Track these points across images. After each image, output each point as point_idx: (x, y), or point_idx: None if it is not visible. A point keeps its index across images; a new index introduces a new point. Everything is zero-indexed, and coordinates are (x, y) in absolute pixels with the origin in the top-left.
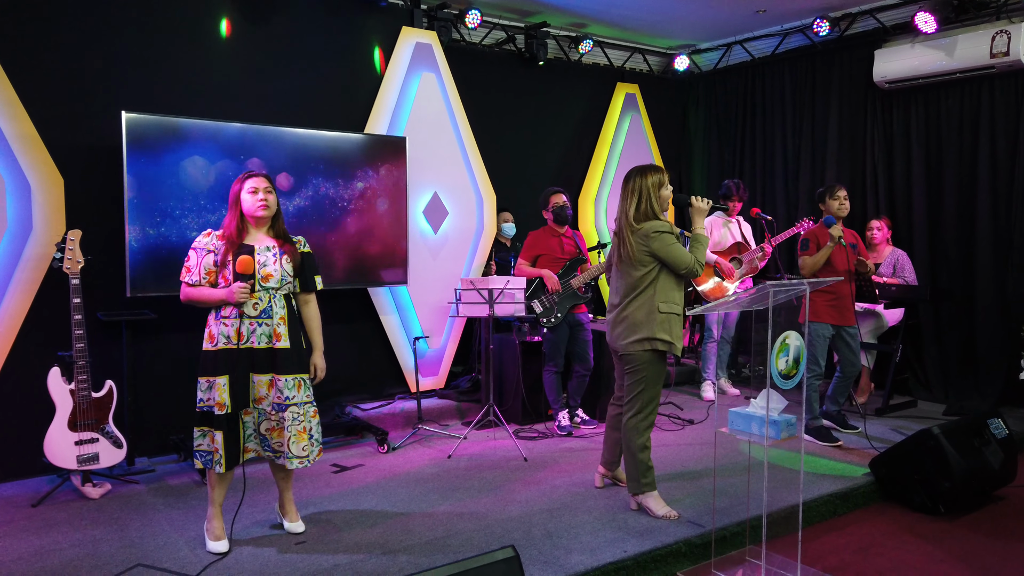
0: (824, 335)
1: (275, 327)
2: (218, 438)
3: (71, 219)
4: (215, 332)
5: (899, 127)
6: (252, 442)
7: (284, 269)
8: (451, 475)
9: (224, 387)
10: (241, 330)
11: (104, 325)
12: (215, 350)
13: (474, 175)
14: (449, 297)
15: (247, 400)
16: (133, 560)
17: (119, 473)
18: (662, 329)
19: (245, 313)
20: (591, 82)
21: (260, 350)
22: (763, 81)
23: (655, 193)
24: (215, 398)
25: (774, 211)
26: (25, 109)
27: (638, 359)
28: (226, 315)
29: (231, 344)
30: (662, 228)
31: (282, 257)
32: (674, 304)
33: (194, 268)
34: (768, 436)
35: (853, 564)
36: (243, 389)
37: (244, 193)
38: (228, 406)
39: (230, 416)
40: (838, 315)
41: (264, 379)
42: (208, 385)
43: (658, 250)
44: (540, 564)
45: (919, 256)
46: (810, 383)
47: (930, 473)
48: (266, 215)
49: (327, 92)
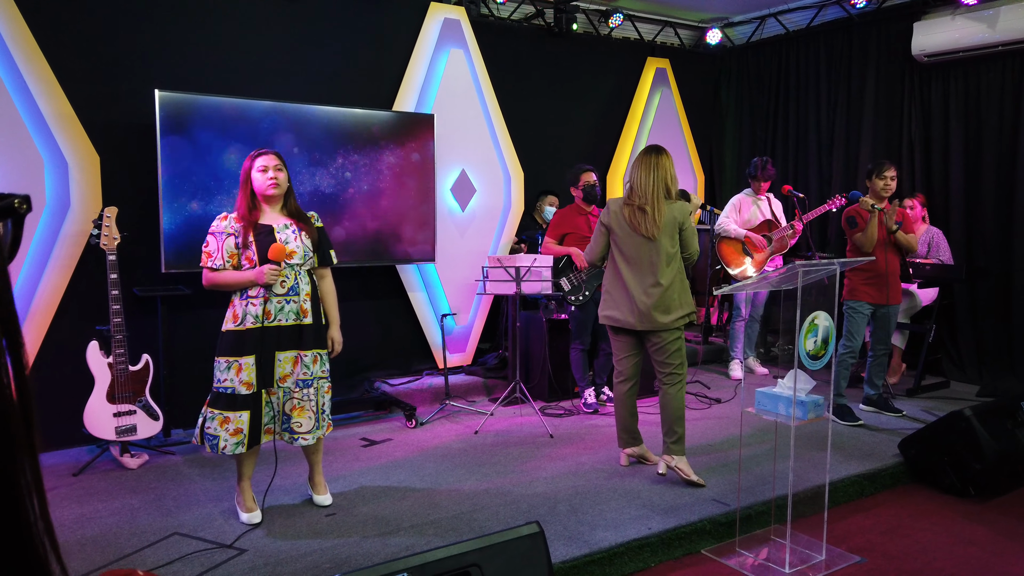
0: (862, 312)
1: (302, 303)
2: (244, 418)
3: (107, 196)
4: (240, 312)
5: (937, 102)
6: (275, 424)
7: (305, 245)
8: (478, 451)
9: (252, 367)
10: (269, 308)
11: (140, 300)
12: (242, 330)
13: (502, 152)
14: (476, 274)
15: (272, 380)
16: (170, 529)
17: (156, 444)
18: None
19: (273, 291)
20: (621, 57)
21: (287, 327)
22: (797, 55)
23: (674, 174)
24: (242, 378)
25: (806, 188)
26: (62, 88)
27: (679, 332)
28: (253, 295)
29: (258, 323)
30: (690, 210)
31: (301, 233)
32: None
33: (215, 252)
34: (795, 417)
35: (880, 545)
36: (269, 368)
37: (254, 172)
38: (255, 385)
39: (256, 396)
40: (876, 293)
41: (289, 356)
42: (228, 365)
43: (688, 229)
44: (565, 539)
45: (955, 235)
46: (843, 360)
47: (961, 455)
48: (276, 193)
49: (356, 69)
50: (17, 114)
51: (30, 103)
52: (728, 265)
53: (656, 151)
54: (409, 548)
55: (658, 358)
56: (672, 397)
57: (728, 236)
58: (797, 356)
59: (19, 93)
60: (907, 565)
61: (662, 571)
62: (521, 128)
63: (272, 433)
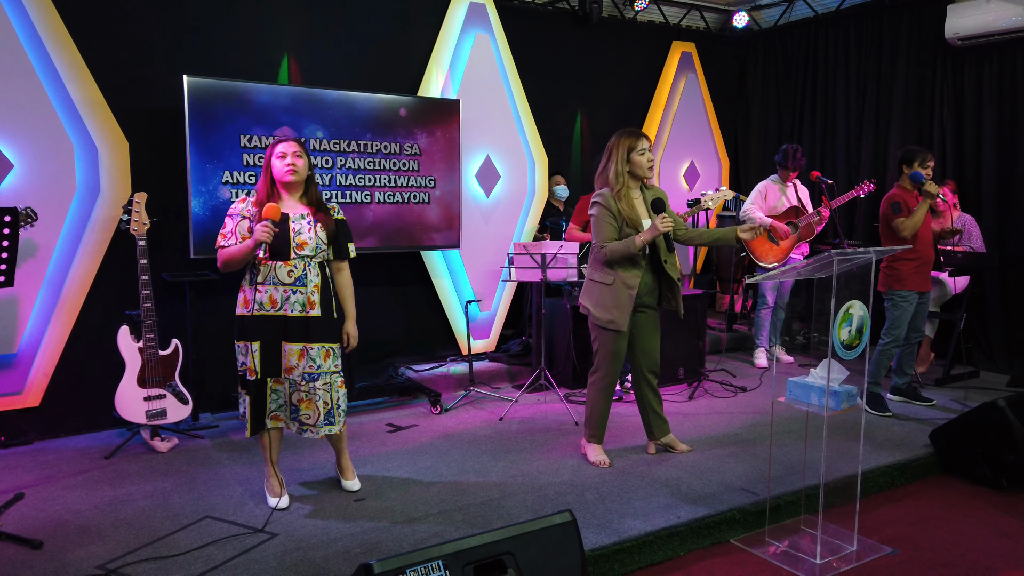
0: (910, 301)
1: (309, 295)
2: (247, 402)
3: (136, 182)
4: (250, 298)
5: (970, 87)
6: (283, 412)
7: (319, 237)
8: (503, 437)
9: (256, 353)
10: (275, 297)
11: (169, 285)
12: (250, 315)
13: (526, 137)
14: (500, 261)
15: (277, 369)
16: (202, 512)
17: (185, 428)
18: (586, 294)
19: (280, 281)
20: (646, 41)
21: (294, 318)
22: (826, 38)
23: (623, 155)
24: (247, 363)
25: (834, 175)
26: (91, 74)
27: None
28: (260, 282)
29: (264, 310)
30: (599, 199)
31: (316, 225)
32: (604, 273)
33: (229, 233)
34: (828, 407)
35: (911, 536)
36: (274, 357)
37: (273, 158)
38: (258, 372)
39: (258, 382)
40: (923, 280)
41: (295, 348)
42: (243, 349)
43: (592, 216)
44: (594, 528)
45: (987, 222)
46: (887, 349)
47: (994, 446)
48: (295, 179)
49: (382, 55)
50: (48, 100)
51: (60, 89)
52: (753, 253)
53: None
54: (438, 534)
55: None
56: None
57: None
58: (831, 346)
59: (50, 79)
60: (939, 557)
61: (691, 560)
62: (544, 113)
63: (280, 420)
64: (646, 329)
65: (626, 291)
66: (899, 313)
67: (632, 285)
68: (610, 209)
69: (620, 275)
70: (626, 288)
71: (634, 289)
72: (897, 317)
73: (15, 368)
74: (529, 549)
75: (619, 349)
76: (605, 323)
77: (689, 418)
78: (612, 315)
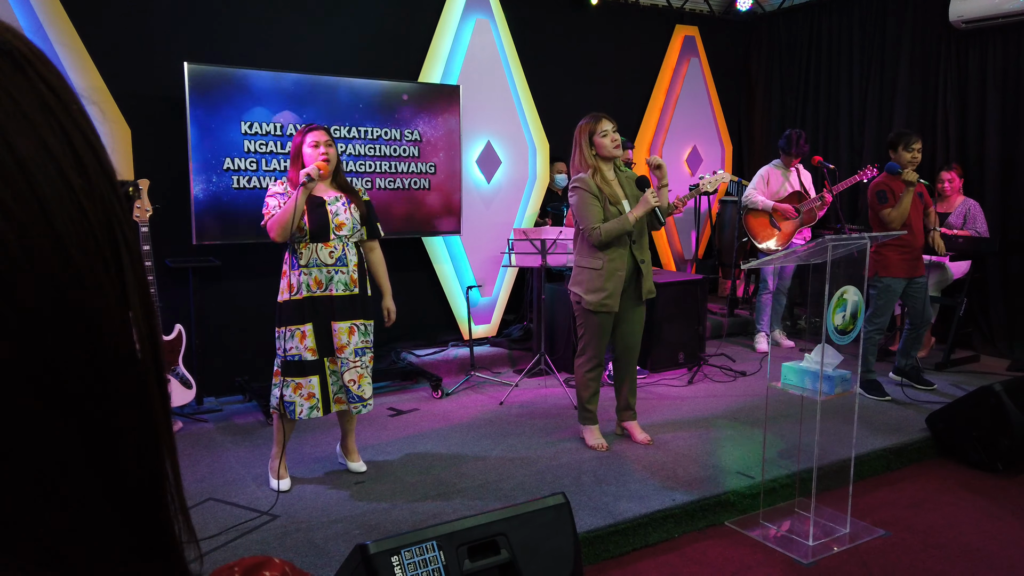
0: (895, 289)
1: (351, 274)
2: (313, 382)
3: (138, 169)
4: (295, 282)
5: (974, 70)
6: (342, 393)
7: (354, 217)
8: (503, 421)
9: (311, 333)
10: (320, 278)
11: (172, 271)
12: (298, 299)
13: (527, 123)
14: (501, 247)
15: (331, 349)
16: (205, 495)
17: (189, 412)
18: (576, 281)
19: (323, 262)
20: (648, 25)
21: (340, 297)
22: (830, 22)
23: (586, 142)
24: (306, 344)
25: (837, 159)
26: (93, 61)
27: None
28: (304, 264)
29: (311, 292)
30: (577, 183)
31: (350, 206)
32: (593, 259)
33: (274, 208)
34: (821, 391)
35: (905, 519)
36: (327, 338)
37: (305, 147)
38: (318, 352)
39: (320, 362)
40: (910, 268)
41: (344, 326)
42: (291, 334)
43: (573, 203)
44: (589, 510)
45: (990, 207)
46: (870, 336)
47: (989, 430)
48: (328, 171)
49: (383, 40)
50: None
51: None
52: (755, 238)
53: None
54: (437, 516)
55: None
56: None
57: (755, 208)
58: (825, 330)
59: None
60: (932, 539)
61: (686, 542)
62: (546, 98)
63: (342, 403)
64: (628, 313)
65: (615, 273)
66: (883, 301)
67: (620, 267)
68: (590, 190)
69: (609, 258)
70: (615, 271)
71: (623, 271)
72: (881, 305)
73: None
74: (522, 530)
75: (606, 331)
76: (597, 307)
77: (687, 402)
78: (601, 296)
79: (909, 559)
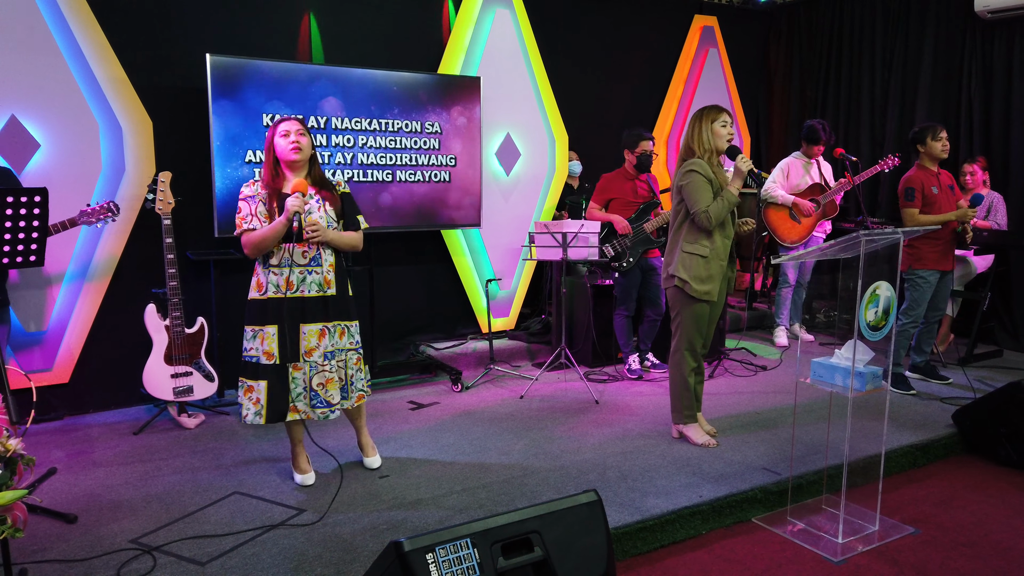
0: (931, 281)
1: (325, 274)
2: (261, 387)
3: (160, 161)
4: (263, 280)
5: (1000, 60)
6: (301, 402)
7: (328, 215)
8: (524, 415)
9: (273, 336)
10: (291, 279)
11: (194, 264)
12: (264, 298)
13: (546, 115)
14: (520, 240)
15: (297, 354)
16: (230, 488)
17: (211, 404)
18: (683, 266)
19: (295, 262)
20: (667, 15)
21: (311, 298)
22: (852, 11)
23: (708, 127)
24: (264, 347)
25: (857, 151)
26: (115, 53)
27: (669, 295)
28: (274, 263)
29: (280, 293)
30: (694, 167)
31: (324, 204)
32: (700, 245)
33: (250, 215)
34: (852, 388)
35: (934, 516)
36: (292, 341)
37: (276, 137)
38: (276, 356)
39: (278, 367)
40: (943, 259)
41: (314, 329)
42: (253, 334)
43: (684, 187)
44: (616, 506)
45: (1015, 199)
46: (905, 330)
47: (1017, 426)
48: (299, 158)
49: (403, 32)
50: (73, 80)
51: (85, 68)
52: (775, 232)
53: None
54: (463, 511)
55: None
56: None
57: (775, 202)
58: (857, 326)
59: (74, 59)
60: (962, 537)
61: (713, 539)
62: (564, 90)
63: (297, 412)
64: (715, 305)
65: (718, 261)
66: (918, 294)
67: (723, 256)
68: (705, 174)
69: (716, 245)
70: (718, 259)
71: (724, 260)
72: (916, 298)
73: (45, 345)
74: (555, 528)
75: (706, 319)
76: (702, 294)
77: (708, 396)
78: (708, 285)
79: (940, 557)
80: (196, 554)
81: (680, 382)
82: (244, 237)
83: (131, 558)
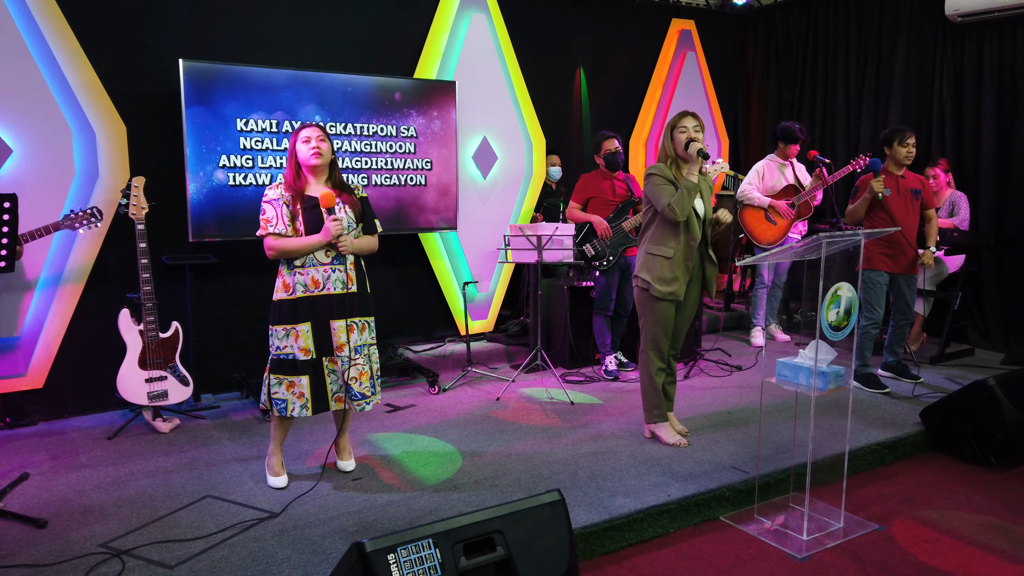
0: (879, 282)
1: (348, 272)
2: (303, 382)
3: (134, 166)
4: (290, 282)
5: (970, 64)
6: (343, 392)
7: (349, 216)
8: (499, 416)
9: (308, 333)
10: (316, 277)
11: (168, 268)
12: (293, 299)
13: (523, 118)
14: (498, 242)
15: (330, 348)
16: (203, 491)
17: (186, 409)
18: (646, 268)
19: (319, 262)
20: (644, 19)
21: (337, 296)
22: (827, 14)
23: (668, 135)
24: (299, 344)
25: (833, 153)
26: (88, 58)
27: (635, 296)
28: (298, 264)
29: (309, 292)
30: (652, 170)
31: (344, 206)
32: (664, 247)
33: (275, 219)
34: (816, 387)
35: (899, 513)
36: (325, 337)
37: (298, 143)
38: (313, 351)
39: (315, 362)
40: (893, 263)
41: (342, 324)
42: (286, 333)
43: (646, 190)
44: (585, 506)
45: (986, 200)
46: (865, 330)
47: (983, 424)
48: (320, 163)
49: (379, 36)
50: (45, 85)
51: (57, 74)
52: (751, 233)
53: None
54: (434, 512)
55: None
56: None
57: (751, 204)
58: (819, 327)
59: (46, 63)
60: (924, 533)
61: (681, 537)
62: (541, 93)
63: (342, 401)
64: (683, 306)
65: (683, 263)
66: (871, 295)
67: (689, 257)
68: (664, 176)
69: (680, 246)
70: (683, 260)
71: (691, 261)
72: (869, 299)
73: (18, 351)
74: (518, 527)
75: (671, 320)
76: (665, 294)
77: (682, 396)
78: (672, 286)
79: (902, 553)
80: (165, 557)
81: (648, 382)
82: (270, 240)
83: (99, 562)
